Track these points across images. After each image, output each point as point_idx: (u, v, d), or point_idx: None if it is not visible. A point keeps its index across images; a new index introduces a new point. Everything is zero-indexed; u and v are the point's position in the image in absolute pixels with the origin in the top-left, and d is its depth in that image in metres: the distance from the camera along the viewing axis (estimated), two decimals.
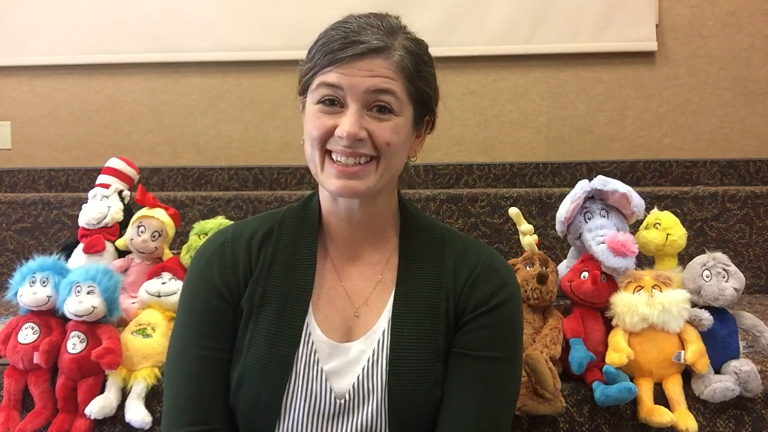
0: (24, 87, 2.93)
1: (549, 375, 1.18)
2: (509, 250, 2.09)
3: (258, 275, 0.96)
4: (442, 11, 2.77)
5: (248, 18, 2.78)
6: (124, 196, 1.58)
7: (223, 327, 0.95)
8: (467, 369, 0.92)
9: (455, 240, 1.00)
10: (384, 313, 0.96)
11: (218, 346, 0.94)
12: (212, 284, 0.95)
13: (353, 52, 0.87)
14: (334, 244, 0.99)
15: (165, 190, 2.76)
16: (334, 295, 0.97)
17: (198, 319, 0.95)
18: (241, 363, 0.93)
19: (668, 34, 2.78)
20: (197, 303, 0.96)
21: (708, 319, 1.26)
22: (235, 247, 0.97)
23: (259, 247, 0.97)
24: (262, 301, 0.94)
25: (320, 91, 0.89)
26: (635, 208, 1.33)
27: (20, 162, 2.92)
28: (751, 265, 2.06)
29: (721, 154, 2.77)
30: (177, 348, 0.96)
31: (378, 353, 0.93)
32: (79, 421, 1.25)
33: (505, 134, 2.83)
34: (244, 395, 0.92)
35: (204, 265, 0.97)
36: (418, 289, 0.96)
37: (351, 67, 0.87)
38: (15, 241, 2.18)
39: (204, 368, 0.93)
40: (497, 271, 0.97)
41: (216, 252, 0.97)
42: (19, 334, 1.29)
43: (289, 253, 0.97)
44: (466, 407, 0.91)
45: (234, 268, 0.96)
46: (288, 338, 0.93)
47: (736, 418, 1.27)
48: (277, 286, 0.95)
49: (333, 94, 0.89)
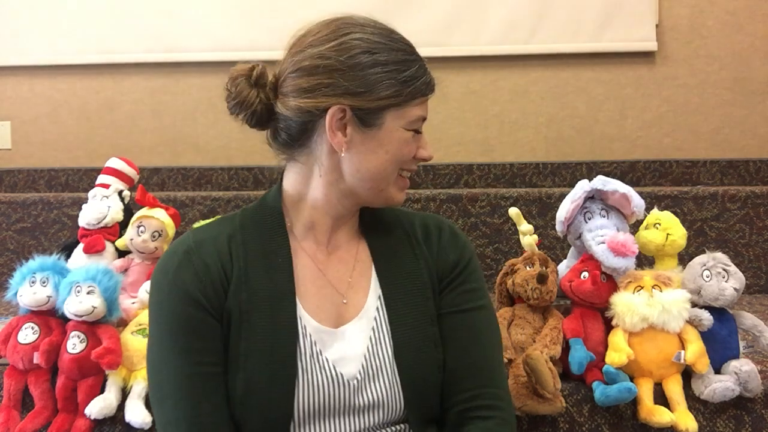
0: (24, 87, 2.93)
1: (549, 375, 1.18)
2: (509, 250, 2.09)
3: (237, 281, 0.93)
4: (442, 11, 2.77)
5: (248, 18, 2.78)
6: (124, 196, 1.58)
7: (209, 338, 0.91)
8: (459, 324, 1.00)
9: (407, 213, 1.08)
10: (371, 291, 0.99)
11: (208, 359, 0.90)
12: (188, 295, 0.90)
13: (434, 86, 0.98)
14: (312, 238, 1.00)
15: (165, 190, 2.76)
16: (320, 284, 0.98)
17: (180, 336, 0.90)
18: (242, 372, 0.90)
19: (668, 34, 2.78)
20: (175, 319, 0.91)
21: (708, 319, 1.26)
22: (201, 252, 0.94)
23: (228, 250, 0.95)
24: (249, 305, 0.92)
25: (417, 121, 0.96)
26: (635, 208, 1.33)
27: (20, 162, 2.92)
28: (751, 265, 2.07)
29: (721, 154, 2.77)
30: (163, 372, 0.90)
31: (379, 330, 0.97)
32: (79, 421, 1.25)
33: (505, 134, 2.83)
34: (254, 404, 0.89)
35: (173, 277, 0.92)
36: (398, 263, 1.01)
37: None
38: (15, 241, 2.18)
39: (197, 386, 0.89)
40: (458, 235, 1.06)
41: (182, 261, 0.93)
42: (19, 334, 1.29)
43: (261, 254, 0.96)
44: (466, 355, 0.98)
45: (207, 273, 0.92)
46: (286, 336, 0.92)
47: (736, 418, 1.27)
48: (260, 288, 0.93)
49: (422, 123, 0.97)
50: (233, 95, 0.96)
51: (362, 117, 0.92)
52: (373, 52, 0.91)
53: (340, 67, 0.90)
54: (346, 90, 0.91)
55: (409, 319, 0.97)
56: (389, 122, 0.93)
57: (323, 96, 0.91)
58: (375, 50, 0.91)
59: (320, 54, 0.91)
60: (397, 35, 0.96)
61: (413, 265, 1.01)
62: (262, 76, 0.96)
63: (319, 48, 0.92)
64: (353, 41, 0.91)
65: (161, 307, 0.93)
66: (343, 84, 0.90)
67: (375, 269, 1.00)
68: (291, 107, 0.93)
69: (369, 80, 0.91)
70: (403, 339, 0.96)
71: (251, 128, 0.99)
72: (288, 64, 0.95)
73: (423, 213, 1.09)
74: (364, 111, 0.92)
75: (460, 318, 1.00)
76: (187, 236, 0.97)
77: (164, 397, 0.90)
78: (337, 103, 0.91)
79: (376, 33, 0.93)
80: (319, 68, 0.91)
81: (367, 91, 0.91)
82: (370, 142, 0.93)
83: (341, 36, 0.92)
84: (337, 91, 0.91)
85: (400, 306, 0.98)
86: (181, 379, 0.89)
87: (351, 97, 0.91)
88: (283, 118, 0.95)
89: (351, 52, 0.91)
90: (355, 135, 0.93)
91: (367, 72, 0.91)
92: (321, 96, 0.91)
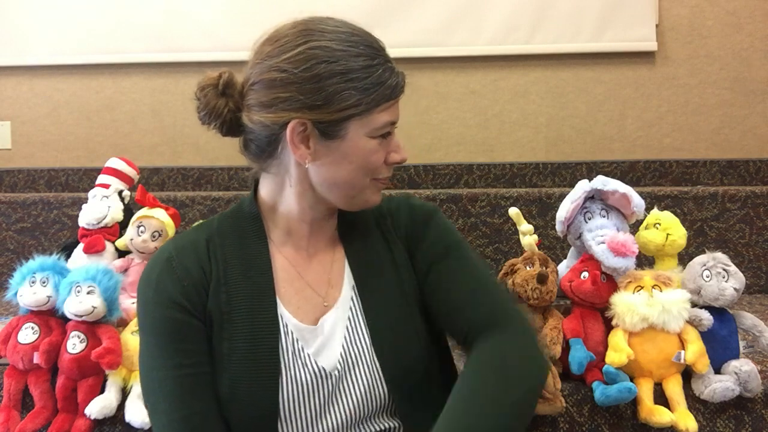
0: (24, 87, 2.93)
1: (549, 375, 1.18)
2: (509, 250, 2.10)
3: (217, 282, 0.94)
4: (442, 11, 2.77)
5: (248, 18, 2.79)
6: (124, 196, 1.58)
7: (194, 340, 0.92)
8: (436, 276, 1.00)
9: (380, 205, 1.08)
10: (344, 283, 1.00)
11: (195, 359, 0.91)
12: (171, 300, 0.92)
13: (403, 86, 0.94)
14: (291, 244, 1.00)
15: (165, 190, 2.76)
16: (299, 286, 0.98)
17: (167, 340, 0.91)
18: (226, 372, 0.91)
19: (668, 34, 2.78)
20: (161, 324, 0.92)
21: (708, 319, 1.26)
22: (181, 258, 0.95)
23: (207, 254, 0.96)
24: (229, 306, 0.93)
25: (384, 127, 0.93)
26: (635, 208, 1.33)
27: (20, 162, 2.92)
28: (751, 265, 2.07)
29: (721, 154, 2.77)
30: (154, 377, 0.91)
31: (354, 319, 0.97)
32: (79, 421, 1.25)
33: (505, 134, 2.83)
34: (239, 403, 0.90)
35: (156, 285, 0.93)
36: (370, 252, 1.02)
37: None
38: (15, 241, 2.18)
39: (188, 387, 0.90)
40: (412, 206, 1.06)
41: (164, 269, 0.94)
42: (19, 334, 1.30)
43: (240, 257, 0.97)
44: (450, 298, 0.98)
45: (188, 278, 0.93)
46: (268, 334, 0.93)
47: (736, 418, 1.27)
48: (240, 289, 0.94)
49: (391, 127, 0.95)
50: (202, 105, 0.95)
51: (323, 130, 0.90)
52: (330, 62, 0.88)
53: (296, 81, 0.88)
54: (303, 104, 0.88)
55: (382, 303, 0.98)
56: (353, 132, 0.91)
57: (282, 110, 0.89)
58: (333, 59, 0.88)
59: (277, 66, 0.89)
60: (360, 38, 0.91)
61: (385, 252, 1.02)
62: (229, 84, 0.94)
63: (277, 59, 0.89)
64: (311, 51, 0.88)
65: (147, 315, 0.94)
66: (299, 98, 0.88)
67: (348, 263, 1.01)
68: (254, 121, 0.92)
69: (327, 92, 0.88)
70: (381, 324, 0.97)
71: (224, 137, 0.98)
72: (251, 74, 0.93)
73: (388, 197, 1.08)
74: (324, 123, 0.89)
75: (434, 270, 1.00)
76: (167, 244, 0.98)
77: (157, 402, 0.91)
78: (297, 117, 0.89)
79: (336, 39, 0.89)
80: (276, 81, 0.89)
81: (325, 103, 0.88)
82: (335, 153, 0.92)
83: (299, 45, 0.89)
84: (295, 105, 0.89)
85: (374, 293, 0.99)
86: (171, 381, 0.90)
87: (309, 111, 0.89)
88: (249, 130, 0.95)
89: (308, 63, 0.88)
90: (318, 147, 0.91)
91: (324, 83, 0.88)
92: (280, 110, 0.89)
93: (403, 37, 2.71)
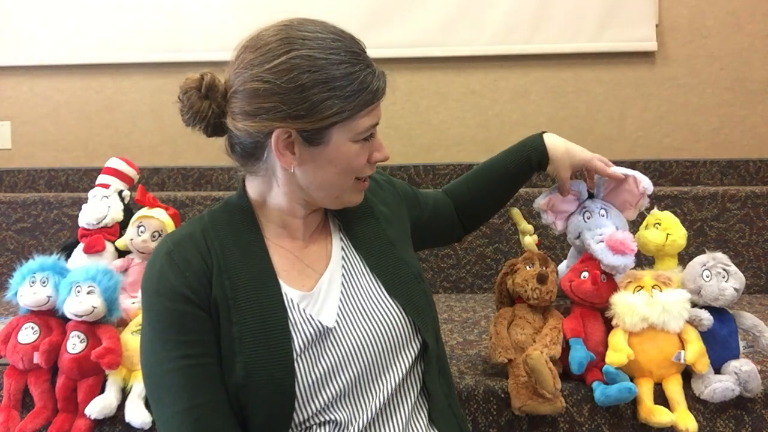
0: (24, 87, 2.93)
1: (549, 375, 1.18)
2: (509, 250, 2.10)
3: (218, 270, 0.94)
4: (442, 11, 2.77)
5: (248, 18, 2.79)
6: (124, 196, 1.58)
7: (199, 331, 0.92)
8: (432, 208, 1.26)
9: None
10: (334, 242, 1.06)
11: (200, 350, 0.91)
12: (175, 292, 0.92)
13: (384, 88, 0.96)
14: (287, 236, 1.02)
15: (165, 190, 2.76)
16: (299, 268, 1.00)
17: (172, 332, 0.91)
18: (240, 356, 0.90)
19: (668, 34, 2.78)
20: (165, 317, 0.92)
21: (708, 319, 1.26)
22: (180, 251, 0.95)
23: (206, 245, 0.96)
24: (234, 291, 0.93)
25: (367, 131, 0.95)
26: (643, 187, 1.31)
27: (20, 162, 2.92)
28: (751, 265, 2.07)
29: (721, 154, 2.77)
30: (157, 371, 0.91)
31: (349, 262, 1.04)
32: (79, 421, 1.26)
33: (505, 134, 2.83)
34: (256, 384, 0.90)
35: (158, 279, 0.94)
36: (356, 214, 1.08)
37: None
38: (15, 241, 2.18)
39: (192, 378, 0.90)
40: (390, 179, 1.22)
41: (165, 262, 0.94)
42: (19, 334, 1.30)
43: (237, 246, 0.98)
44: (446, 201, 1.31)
45: (190, 269, 0.93)
46: (276, 311, 0.93)
47: (736, 418, 1.27)
48: (242, 274, 0.95)
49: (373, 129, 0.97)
50: (186, 108, 0.96)
51: (307, 137, 0.92)
52: (313, 71, 0.89)
53: (279, 91, 0.89)
54: (287, 114, 0.90)
55: (374, 240, 1.06)
56: (336, 138, 0.93)
57: (266, 120, 0.91)
58: (315, 68, 0.89)
59: (260, 76, 0.90)
60: (341, 43, 0.93)
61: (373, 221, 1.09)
62: (211, 86, 0.95)
63: (259, 69, 0.90)
64: (293, 60, 0.89)
65: (151, 309, 0.94)
66: (283, 108, 0.90)
67: (341, 232, 1.07)
68: (239, 128, 0.93)
69: (311, 101, 0.89)
70: (372, 253, 1.05)
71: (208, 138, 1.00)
72: (233, 81, 0.94)
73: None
74: (308, 131, 0.92)
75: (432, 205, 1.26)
76: (164, 240, 0.99)
77: (161, 395, 0.91)
78: (280, 126, 0.91)
79: (317, 48, 0.90)
80: (260, 92, 0.90)
81: (309, 113, 0.90)
82: (319, 158, 0.94)
83: (282, 55, 0.90)
84: (279, 115, 0.90)
85: (362, 237, 1.06)
86: (175, 373, 0.90)
87: (293, 121, 0.90)
88: (234, 135, 0.96)
89: (291, 73, 0.89)
90: (303, 153, 0.94)
91: (308, 93, 0.89)
92: (264, 120, 0.91)
93: (403, 37, 2.72)
